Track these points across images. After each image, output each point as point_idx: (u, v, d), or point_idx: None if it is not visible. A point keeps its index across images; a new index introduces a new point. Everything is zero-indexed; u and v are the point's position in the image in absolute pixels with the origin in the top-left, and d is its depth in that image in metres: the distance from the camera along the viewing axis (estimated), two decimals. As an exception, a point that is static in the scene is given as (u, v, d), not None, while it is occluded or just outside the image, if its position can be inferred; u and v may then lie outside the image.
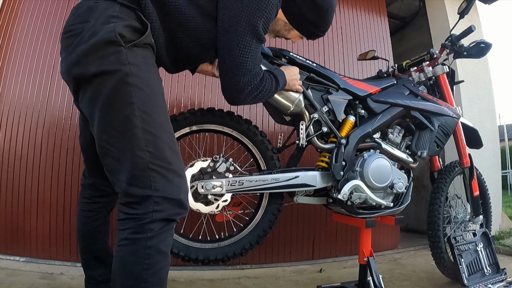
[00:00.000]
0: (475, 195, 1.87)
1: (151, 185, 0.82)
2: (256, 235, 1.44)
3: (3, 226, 1.91)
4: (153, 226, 0.82)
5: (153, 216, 0.81)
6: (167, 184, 0.85)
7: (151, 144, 0.84)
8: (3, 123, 1.98)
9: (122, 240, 0.82)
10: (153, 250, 0.81)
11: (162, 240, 0.83)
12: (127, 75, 0.82)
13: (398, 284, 1.84)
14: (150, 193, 0.82)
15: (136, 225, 0.81)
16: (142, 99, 0.84)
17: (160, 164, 0.84)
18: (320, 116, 1.46)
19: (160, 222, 0.83)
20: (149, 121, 0.84)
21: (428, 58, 1.82)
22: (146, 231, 0.81)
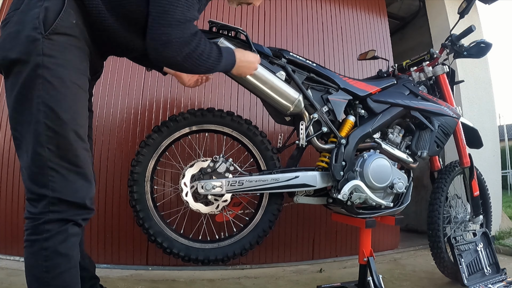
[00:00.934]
0: (475, 195, 1.87)
1: (49, 184, 0.79)
2: (256, 235, 1.44)
3: (3, 226, 1.91)
4: (49, 226, 0.79)
5: (48, 216, 0.79)
6: (67, 185, 0.81)
7: (53, 142, 0.80)
8: (3, 123, 1.98)
9: (24, 242, 0.81)
10: (50, 251, 0.78)
11: (60, 241, 0.80)
12: (38, 66, 0.79)
13: (398, 284, 1.84)
14: (46, 193, 0.79)
15: (32, 226, 0.79)
16: (49, 93, 0.80)
17: (61, 164, 0.81)
18: (320, 116, 1.46)
19: (56, 222, 0.80)
20: (53, 117, 0.80)
21: (428, 58, 1.82)
22: (42, 232, 0.78)
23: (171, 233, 1.40)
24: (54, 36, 0.80)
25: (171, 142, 1.44)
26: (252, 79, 1.33)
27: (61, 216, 0.80)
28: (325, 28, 2.62)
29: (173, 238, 1.39)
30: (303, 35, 2.53)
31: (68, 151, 0.82)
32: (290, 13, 2.52)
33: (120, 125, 2.02)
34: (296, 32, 2.50)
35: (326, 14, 2.65)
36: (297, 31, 2.50)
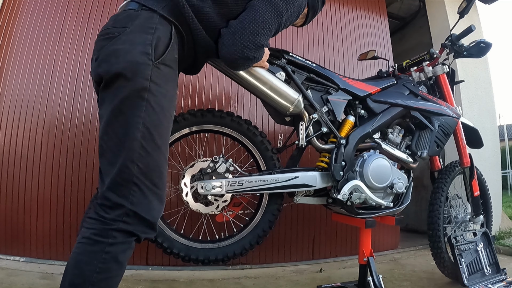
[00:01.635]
0: (476, 195, 1.87)
1: (129, 197, 0.84)
2: (256, 235, 1.44)
3: (3, 226, 1.92)
4: (117, 234, 0.82)
5: (120, 225, 0.82)
6: (145, 202, 0.85)
7: (143, 161, 0.85)
8: (3, 123, 1.98)
9: (83, 238, 0.83)
10: (110, 256, 0.82)
11: (122, 250, 0.84)
12: (144, 90, 0.85)
13: (398, 284, 1.84)
14: (125, 204, 0.83)
15: (101, 228, 0.82)
16: (150, 116, 0.86)
17: (144, 182, 0.85)
18: (319, 117, 1.46)
19: (124, 233, 0.84)
20: (149, 138, 0.86)
21: (428, 58, 1.82)
22: (109, 237, 0.82)
23: (171, 233, 1.40)
24: (161, 66, 0.88)
25: (171, 142, 1.44)
26: (252, 79, 1.33)
27: (131, 228, 0.84)
28: (325, 28, 2.62)
29: (173, 238, 1.38)
30: (303, 35, 2.53)
31: (154, 172, 0.87)
32: (290, 13, 2.51)
33: (120, 125, 2.02)
34: (296, 32, 2.50)
35: (326, 14, 2.65)
36: (297, 31, 2.50)
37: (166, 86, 0.90)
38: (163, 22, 0.90)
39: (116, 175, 0.84)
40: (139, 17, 0.89)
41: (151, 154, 0.86)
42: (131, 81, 0.84)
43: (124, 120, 0.85)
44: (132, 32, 0.87)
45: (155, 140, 0.87)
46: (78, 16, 2.13)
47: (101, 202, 0.85)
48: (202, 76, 2.17)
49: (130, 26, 0.87)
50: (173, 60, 0.93)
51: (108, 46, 0.87)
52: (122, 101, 0.85)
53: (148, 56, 0.85)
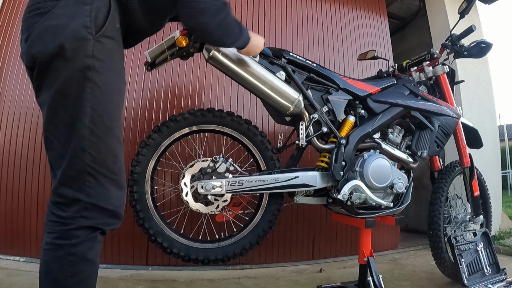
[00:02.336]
0: (476, 195, 1.87)
1: (84, 189, 0.78)
2: (256, 235, 1.44)
3: (3, 226, 1.91)
4: (79, 232, 0.77)
5: (79, 222, 0.77)
6: (103, 192, 0.80)
7: (95, 147, 0.78)
8: (3, 123, 1.98)
9: (47, 244, 0.78)
10: (77, 257, 0.77)
11: (88, 247, 0.79)
12: (87, 68, 0.76)
13: (398, 284, 1.84)
14: (81, 197, 0.77)
15: (61, 230, 0.77)
16: (97, 98, 0.78)
17: (99, 170, 0.79)
18: (320, 116, 1.46)
19: (87, 229, 0.78)
20: (99, 122, 0.78)
21: (429, 58, 1.82)
22: (71, 238, 0.77)
23: (171, 233, 1.40)
24: (103, 39, 0.78)
25: (171, 142, 1.44)
26: (252, 79, 1.33)
27: (92, 223, 0.79)
28: (325, 28, 2.62)
29: (173, 238, 1.39)
30: (303, 35, 2.53)
31: (109, 157, 0.81)
32: (290, 13, 2.52)
33: (120, 125, 2.02)
34: (296, 32, 2.50)
35: (326, 14, 2.65)
36: (297, 31, 2.50)
37: (112, 61, 0.81)
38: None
39: (67, 167, 0.77)
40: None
41: (102, 139, 0.79)
42: (72, 60, 0.75)
43: (68, 106, 0.76)
44: (68, 5, 0.76)
45: (105, 123, 0.79)
46: (78, 16, 2.13)
47: (55, 199, 0.79)
48: (202, 76, 2.17)
49: None
50: (116, 31, 0.83)
51: (40, 23, 0.76)
52: (64, 84, 0.76)
53: (87, 30, 0.75)
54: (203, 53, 1.30)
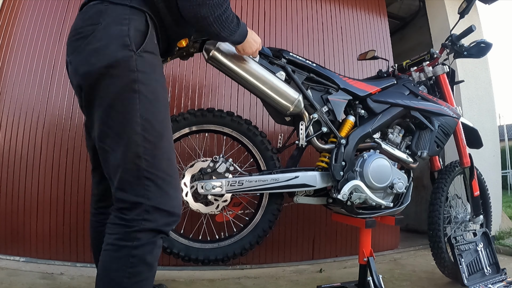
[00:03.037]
0: (476, 195, 1.87)
1: (144, 193, 0.82)
2: (256, 235, 1.44)
3: (3, 226, 1.91)
4: (140, 235, 0.80)
5: (141, 225, 0.80)
6: (161, 194, 0.84)
7: (149, 153, 0.83)
8: (3, 123, 1.98)
9: (107, 245, 0.82)
10: (137, 259, 0.80)
11: (148, 251, 0.82)
12: (134, 81, 0.82)
13: (398, 284, 1.84)
14: (142, 201, 0.81)
15: (123, 232, 0.80)
16: (145, 107, 0.84)
17: (156, 174, 0.84)
18: (319, 116, 1.46)
19: (148, 232, 0.81)
20: (150, 129, 0.84)
21: (428, 58, 1.82)
22: (132, 240, 0.80)
23: (171, 233, 1.40)
24: (144, 54, 0.85)
25: (171, 142, 1.44)
26: (252, 79, 1.33)
27: (154, 225, 0.82)
28: (325, 28, 2.62)
29: (173, 238, 1.39)
30: (303, 35, 2.53)
31: (163, 161, 0.86)
32: (290, 13, 2.52)
33: (120, 125, 2.02)
34: (296, 32, 2.50)
35: (326, 14, 2.65)
36: (297, 31, 2.50)
37: (154, 73, 0.88)
38: (135, 12, 0.87)
39: (126, 174, 0.82)
40: (109, 11, 0.84)
41: (156, 144, 0.84)
42: (118, 77, 0.81)
43: (120, 117, 0.82)
44: (106, 27, 0.83)
45: (156, 129, 0.85)
46: (78, 16, 2.13)
47: (117, 206, 0.83)
48: (202, 76, 2.17)
49: (102, 22, 0.83)
50: (155, 46, 0.91)
51: (83, 47, 0.83)
52: (114, 99, 0.82)
53: (128, 48, 0.82)
54: (203, 53, 1.30)
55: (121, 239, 0.80)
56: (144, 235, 0.81)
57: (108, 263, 0.80)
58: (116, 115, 0.82)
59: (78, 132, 1.99)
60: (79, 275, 1.73)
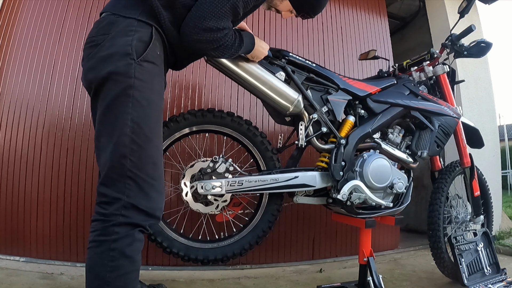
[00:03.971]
0: (476, 195, 1.87)
1: (124, 190, 0.86)
2: (256, 236, 1.44)
3: (3, 226, 1.91)
4: (118, 229, 0.84)
5: (119, 219, 0.84)
6: (142, 195, 0.88)
7: (136, 154, 0.88)
8: (3, 123, 1.98)
9: (90, 243, 0.86)
10: (117, 252, 0.83)
11: (127, 244, 0.85)
12: (129, 87, 0.89)
13: (398, 284, 1.84)
14: (121, 197, 0.86)
15: (102, 227, 0.85)
16: (137, 111, 0.89)
17: (139, 175, 0.88)
18: (319, 117, 1.46)
19: (125, 226, 0.85)
20: (139, 132, 0.89)
21: (429, 57, 1.82)
22: (111, 234, 0.84)
23: (171, 232, 1.40)
24: (144, 63, 0.92)
25: (172, 142, 1.44)
26: (252, 79, 1.33)
27: (131, 220, 0.86)
28: (325, 28, 2.62)
29: (172, 238, 1.39)
30: (303, 35, 2.53)
31: (148, 164, 0.90)
32: (290, 13, 2.51)
33: (120, 125, 2.02)
34: (296, 32, 2.50)
35: (326, 14, 2.65)
36: (297, 31, 2.50)
37: (152, 81, 0.94)
38: (143, 25, 0.94)
39: (110, 171, 0.87)
40: (118, 22, 0.93)
41: (143, 147, 0.89)
42: (118, 82, 0.89)
43: (113, 118, 0.88)
44: (114, 37, 0.91)
45: (145, 133, 0.90)
46: (78, 16, 2.13)
47: (99, 199, 0.88)
48: (202, 76, 2.17)
49: (111, 32, 0.92)
50: (156, 57, 0.97)
51: (94, 54, 0.92)
52: (111, 100, 0.89)
53: (129, 56, 0.89)
54: (203, 53, 1.30)
55: (101, 235, 0.85)
56: (121, 229, 0.85)
57: (92, 260, 0.85)
58: (110, 116, 0.89)
59: (78, 132, 1.99)
60: (79, 275, 1.73)
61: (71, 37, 2.10)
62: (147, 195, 0.89)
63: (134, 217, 0.86)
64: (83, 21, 2.13)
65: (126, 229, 0.85)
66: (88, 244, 0.87)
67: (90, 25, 2.12)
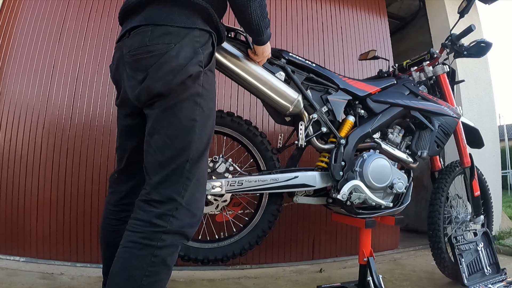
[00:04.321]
0: (476, 195, 1.87)
1: (181, 191, 0.88)
2: (256, 236, 1.43)
3: (3, 226, 1.92)
4: (166, 237, 0.84)
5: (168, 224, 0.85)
6: (191, 196, 0.91)
7: (195, 158, 0.91)
8: (3, 123, 1.98)
9: (130, 242, 0.84)
10: (158, 259, 0.83)
11: (170, 253, 0.86)
12: (198, 95, 0.92)
13: (398, 284, 1.84)
14: (177, 198, 0.87)
15: (150, 231, 0.84)
16: (202, 119, 0.93)
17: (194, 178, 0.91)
18: (319, 117, 1.46)
19: (173, 234, 0.86)
20: (200, 139, 0.93)
21: (429, 57, 1.82)
22: (157, 240, 0.83)
23: (171, 232, 1.40)
24: (208, 72, 0.95)
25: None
26: (251, 79, 1.33)
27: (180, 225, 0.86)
28: (325, 28, 2.62)
29: (172, 238, 1.38)
30: (303, 35, 2.53)
31: (202, 169, 0.95)
32: (290, 13, 2.52)
33: (120, 125, 2.02)
34: (296, 32, 2.50)
35: (326, 14, 2.65)
36: (297, 31, 2.50)
37: (212, 90, 0.98)
38: (204, 34, 0.95)
39: (171, 173, 0.88)
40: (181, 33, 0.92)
41: (203, 154, 0.93)
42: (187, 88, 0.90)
43: (177, 122, 0.89)
44: (181, 47, 0.90)
45: (204, 141, 0.94)
46: (78, 16, 2.13)
47: (151, 197, 0.87)
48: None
49: (175, 43, 0.90)
50: (214, 66, 1.01)
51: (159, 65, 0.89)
52: (176, 104, 0.89)
53: (200, 64, 0.91)
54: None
55: (146, 238, 0.83)
56: (169, 237, 0.85)
57: (129, 260, 0.82)
58: (173, 118, 0.89)
59: (78, 132, 1.99)
60: (79, 275, 1.73)
61: (71, 37, 2.10)
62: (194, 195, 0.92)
63: (183, 219, 0.87)
64: (83, 21, 2.13)
65: (173, 238, 0.86)
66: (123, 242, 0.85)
67: (90, 25, 2.13)
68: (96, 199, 1.95)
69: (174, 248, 0.87)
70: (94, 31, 2.12)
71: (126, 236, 0.85)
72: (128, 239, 0.84)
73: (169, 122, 0.89)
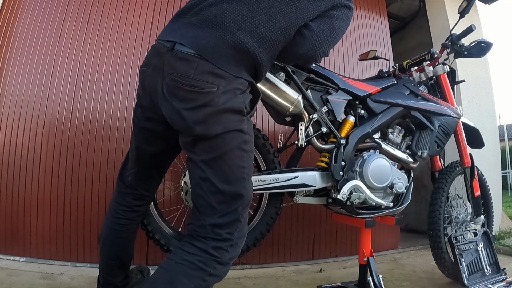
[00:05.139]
0: (476, 195, 1.87)
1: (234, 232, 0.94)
2: (253, 238, 1.43)
3: (3, 226, 1.92)
4: (218, 266, 0.90)
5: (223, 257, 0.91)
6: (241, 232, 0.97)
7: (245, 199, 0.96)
8: (3, 123, 1.98)
9: (185, 261, 0.88)
10: (206, 284, 0.89)
11: (214, 282, 0.92)
12: (245, 142, 0.96)
13: (398, 284, 1.84)
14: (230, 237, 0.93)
15: (208, 258, 0.89)
16: (249, 164, 0.98)
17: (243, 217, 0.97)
18: (319, 117, 1.46)
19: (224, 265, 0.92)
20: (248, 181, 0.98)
21: (429, 57, 1.82)
22: (211, 267, 0.89)
23: (169, 231, 1.40)
24: (249, 118, 1.01)
25: (171, 142, 1.44)
26: (252, 79, 1.32)
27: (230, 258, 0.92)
28: (325, 28, 2.61)
29: (170, 236, 1.39)
30: (303, 35, 2.52)
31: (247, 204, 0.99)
32: (290, 13, 2.51)
33: (120, 125, 2.02)
34: (296, 32, 2.49)
35: (326, 14, 2.65)
36: (297, 31, 2.50)
37: (252, 133, 1.02)
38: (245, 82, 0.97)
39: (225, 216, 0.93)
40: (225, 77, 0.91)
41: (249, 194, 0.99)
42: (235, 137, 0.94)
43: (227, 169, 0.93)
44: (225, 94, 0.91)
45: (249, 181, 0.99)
46: (78, 16, 2.13)
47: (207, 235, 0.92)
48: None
49: (219, 86, 0.90)
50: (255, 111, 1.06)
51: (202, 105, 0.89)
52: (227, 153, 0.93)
53: (242, 113, 0.95)
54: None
55: (202, 262, 0.88)
56: (221, 267, 0.91)
57: (179, 275, 0.87)
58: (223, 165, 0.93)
59: (78, 132, 1.99)
60: (79, 275, 1.73)
61: (71, 37, 2.10)
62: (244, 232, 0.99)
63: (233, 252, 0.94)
64: (83, 21, 2.13)
65: (223, 269, 0.92)
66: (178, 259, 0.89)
67: (90, 25, 2.13)
68: (96, 199, 1.94)
69: (220, 278, 0.93)
70: (94, 31, 2.12)
71: (181, 254, 0.90)
72: (184, 257, 0.89)
73: (221, 171, 0.93)
